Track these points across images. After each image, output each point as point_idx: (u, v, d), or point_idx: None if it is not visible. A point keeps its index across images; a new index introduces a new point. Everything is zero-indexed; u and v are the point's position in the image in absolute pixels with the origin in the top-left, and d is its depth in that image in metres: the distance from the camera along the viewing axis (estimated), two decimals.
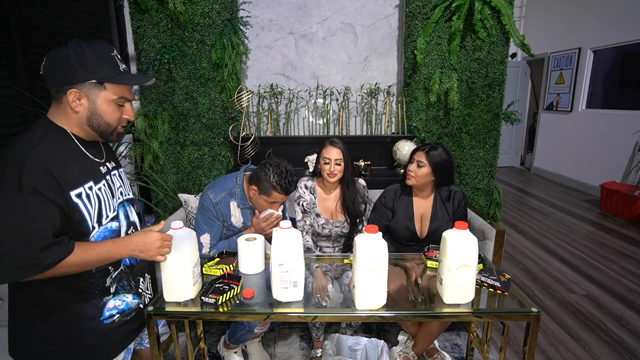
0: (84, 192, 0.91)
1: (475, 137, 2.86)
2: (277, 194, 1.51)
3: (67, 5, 2.42)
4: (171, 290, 1.13)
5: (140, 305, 1.12)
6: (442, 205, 1.78)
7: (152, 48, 2.70)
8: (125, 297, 1.06)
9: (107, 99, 0.93)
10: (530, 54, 2.60)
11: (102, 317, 1.00)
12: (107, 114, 0.94)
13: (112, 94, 0.93)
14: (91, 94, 0.91)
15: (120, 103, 0.96)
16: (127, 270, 1.07)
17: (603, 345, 1.99)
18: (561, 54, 5.35)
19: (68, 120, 0.93)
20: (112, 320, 1.03)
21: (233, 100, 2.73)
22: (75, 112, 0.92)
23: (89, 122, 0.94)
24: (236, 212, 1.62)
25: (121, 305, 1.05)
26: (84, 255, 0.88)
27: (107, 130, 0.97)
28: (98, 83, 0.91)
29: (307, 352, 1.91)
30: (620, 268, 2.86)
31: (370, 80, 3.10)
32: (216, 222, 1.59)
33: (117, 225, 1.01)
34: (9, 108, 2.03)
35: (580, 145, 5.05)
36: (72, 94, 0.89)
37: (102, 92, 0.92)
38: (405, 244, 1.81)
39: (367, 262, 1.07)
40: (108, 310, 1.02)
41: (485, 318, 1.30)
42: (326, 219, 1.82)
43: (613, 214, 4.08)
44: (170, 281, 1.12)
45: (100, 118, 0.94)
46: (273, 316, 1.15)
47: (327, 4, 3.01)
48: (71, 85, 0.89)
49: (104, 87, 0.92)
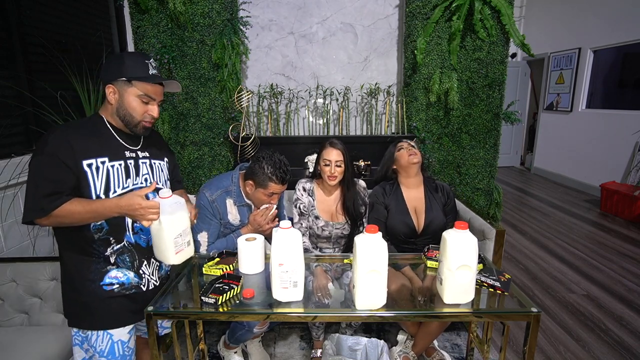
0: (94, 163, 1.07)
1: (475, 137, 2.86)
2: (273, 184, 1.53)
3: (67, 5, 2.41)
4: (157, 251, 1.16)
5: (141, 286, 1.20)
6: (432, 197, 1.81)
7: (152, 48, 2.70)
8: (127, 272, 1.17)
9: (133, 94, 1.11)
10: (530, 54, 2.60)
11: (102, 282, 1.14)
12: (131, 107, 1.12)
13: (137, 90, 1.11)
14: (121, 89, 1.10)
15: (144, 100, 1.12)
16: (130, 247, 1.16)
17: (603, 345, 1.99)
18: (561, 54, 5.35)
19: (106, 111, 1.14)
20: (111, 288, 1.15)
21: (233, 100, 2.73)
22: (110, 103, 1.12)
23: (117, 112, 1.12)
24: (233, 209, 1.62)
25: (122, 277, 1.16)
26: (76, 207, 1.02)
27: (130, 121, 1.13)
28: (127, 81, 1.10)
29: (307, 352, 1.91)
30: (620, 268, 2.86)
31: (370, 80, 3.10)
32: (213, 220, 1.60)
33: None
34: (9, 108, 2.03)
35: (580, 145, 5.05)
36: (109, 89, 1.10)
37: (130, 88, 1.10)
38: (404, 240, 1.80)
39: (367, 262, 1.07)
40: (109, 278, 1.14)
41: (485, 318, 1.30)
42: (326, 221, 1.80)
43: (613, 214, 4.08)
44: (156, 244, 1.15)
45: (125, 110, 1.12)
46: (273, 316, 1.15)
47: (327, 4, 3.01)
48: (109, 82, 1.10)
49: (132, 84, 1.10)
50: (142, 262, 1.20)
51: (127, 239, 1.16)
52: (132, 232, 1.17)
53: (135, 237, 1.17)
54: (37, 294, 1.65)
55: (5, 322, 1.63)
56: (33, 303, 1.65)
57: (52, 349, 1.45)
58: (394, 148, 1.83)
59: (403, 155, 1.77)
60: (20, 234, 2.02)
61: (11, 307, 1.64)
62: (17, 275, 1.64)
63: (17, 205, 2.00)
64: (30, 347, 1.42)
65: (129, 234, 1.16)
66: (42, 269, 1.64)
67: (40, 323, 1.64)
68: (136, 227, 1.17)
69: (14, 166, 1.90)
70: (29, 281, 1.63)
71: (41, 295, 1.65)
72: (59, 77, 2.24)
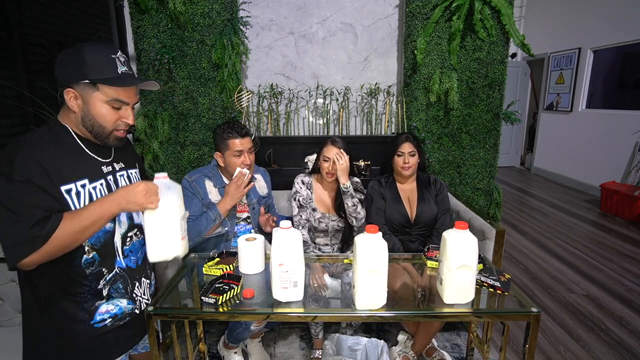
0: (74, 189, 0.91)
1: (475, 137, 2.86)
2: (233, 140, 1.60)
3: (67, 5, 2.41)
4: (157, 247, 1.01)
5: (135, 311, 1.10)
6: (424, 189, 1.88)
7: (152, 48, 2.70)
8: (119, 302, 1.05)
9: (99, 100, 0.92)
10: (530, 54, 2.60)
11: (92, 320, 1.00)
12: (99, 115, 0.93)
13: (104, 96, 0.92)
14: (85, 94, 0.91)
15: (115, 106, 0.94)
16: (122, 273, 1.05)
17: (603, 345, 1.99)
18: (561, 54, 5.35)
19: (70, 119, 0.95)
20: (104, 324, 1.02)
21: (233, 100, 2.73)
22: (72, 111, 0.93)
23: (83, 122, 0.94)
24: (213, 190, 1.69)
25: (114, 309, 1.04)
26: (72, 220, 0.87)
27: (101, 133, 0.95)
28: (91, 83, 0.90)
29: (307, 352, 1.91)
30: (620, 268, 2.86)
31: (370, 80, 3.10)
32: (194, 198, 1.64)
33: (111, 227, 0.99)
34: (9, 108, 2.03)
35: (580, 145, 5.05)
36: (68, 93, 0.91)
37: (94, 92, 0.91)
38: (400, 229, 1.85)
39: (367, 262, 1.07)
40: (100, 315, 1.01)
41: (485, 318, 1.30)
42: (322, 213, 1.85)
43: (613, 214, 4.08)
44: (155, 237, 1.00)
45: (93, 119, 0.93)
46: (273, 316, 1.15)
47: (327, 4, 3.01)
48: (68, 85, 0.90)
49: (97, 87, 0.91)
50: (135, 284, 1.09)
51: (118, 264, 1.03)
52: (123, 256, 1.04)
53: (126, 261, 1.05)
54: None
55: (5, 322, 1.63)
56: None
57: None
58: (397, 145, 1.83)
59: (398, 162, 1.83)
60: None
61: (11, 307, 1.64)
62: (17, 275, 1.63)
63: None
64: None
65: (120, 259, 1.03)
66: None
67: None
68: (126, 249, 1.05)
69: None
70: None
71: None
72: None
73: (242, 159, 1.62)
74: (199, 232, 1.59)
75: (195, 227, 1.59)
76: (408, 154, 1.80)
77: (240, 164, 1.62)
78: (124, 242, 1.05)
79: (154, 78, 2.72)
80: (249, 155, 1.65)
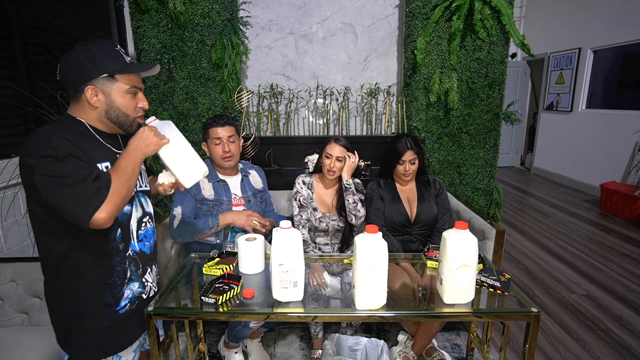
0: (101, 168, 0.97)
1: (475, 137, 2.86)
2: (214, 128, 1.68)
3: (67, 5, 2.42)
4: (186, 173, 1.10)
5: (143, 295, 1.14)
6: (424, 189, 1.89)
7: (152, 48, 2.70)
8: (132, 285, 1.10)
9: (120, 90, 0.98)
10: (530, 54, 2.60)
11: (117, 307, 1.06)
12: (123, 105, 1.00)
13: (124, 85, 0.98)
14: (106, 88, 0.96)
15: (132, 92, 1.01)
16: (135, 256, 1.09)
17: (603, 345, 1.99)
18: (561, 54, 5.35)
19: (87, 115, 0.99)
20: (125, 310, 1.08)
21: (233, 100, 2.73)
22: (94, 107, 0.97)
23: (107, 115, 0.99)
24: (207, 185, 1.70)
25: (129, 294, 1.09)
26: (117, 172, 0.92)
27: (125, 121, 1.02)
28: (110, 76, 0.96)
29: (307, 352, 1.91)
30: (620, 268, 2.86)
31: (370, 80, 3.10)
32: (187, 195, 1.66)
33: (129, 209, 1.05)
34: (9, 108, 2.03)
35: (580, 145, 5.05)
36: (89, 91, 0.95)
37: (115, 84, 0.97)
38: (400, 229, 1.84)
39: (367, 262, 1.07)
40: (124, 300, 1.07)
41: (485, 318, 1.30)
42: (323, 213, 1.85)
43: (613, 214, 4.08)
44: (180, 165, 1.09)
45: (117, 110, 0.99)
46: (273, 316, 1.15)
47: (327, 4, 3.01)
48: (86, 83, 0.94)
49: (116, 79, 0.97)
50: (146, 269, 1.14)
51: (132, 247, 1.09)
52: (137, 240, 1.10)
53: (139, 245, 1.11)
54: (37, 294, 1.65)
55: (5, 322, 1.63)
56: (33, 303, 1.65)
57: (52, 349, 1.44)
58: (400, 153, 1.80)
59: (399, 169, 1.83)
60: (20, 234, 2.02)
61: (11, 307, 1.64)
62: (17, 275, 1.64)
63: (17, 205, 2.00)
64: (30, 347, 1.42)
65: (134, 243, 1.09)
66: None
67: (40, 323, 1.64)
68: (140, 234, 1.11)
69: (14, 166, 1.90)
70: (29, 281, 1.63)
71: (41, 295, 1.65)
72: None
73: (221, 147, 1.67)
74: (191, 234, 1.60)
75: (190, 227, 1.60)
76: (409, 162, 1.79)
77: (220, 152, 1.67)
78: (139, 226, 1.10)
79: (154, 78, 2.73)
80: (230, 144, 1.69)
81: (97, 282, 1.02)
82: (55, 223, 0.94)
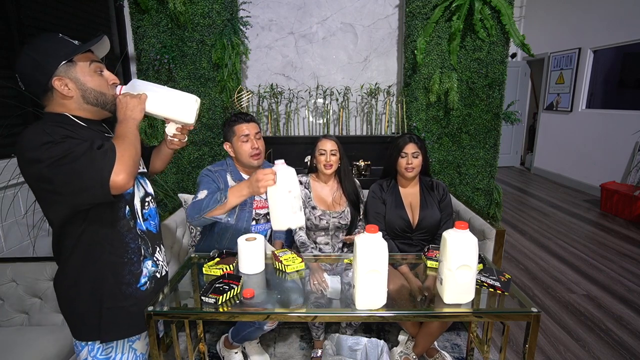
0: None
1: (475, 137, 2.86)
2: (239, 125, 1.62)
3: (67, 5, 2.42)
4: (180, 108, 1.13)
5: (157, 275, 1.16)
6: (427, 194, 1.85)
7: (152, 48, 2.70)
8: (147, 264, 1.12)
9: (84, 71, 0.97)
10: (530, 54, 2.60)
11: (138, 284, 1.08)
12: (95, 85, 0.99)
13: (85, 63, 0.97)
14: (71, 74, 0.95)
15: (97, 70, 1.00)
16: (142, 235, 1.10)
17: (603, 345, 1.99)
18: (561, 54, 5.36)
19: (66, 107, 0.98)
20: (145, 287, 1.10)
21: (233, 100, 2.73)
22: (69, 97, 0.96)
23: (86, 100, 0.98)
24: (233, 184, 1.66)
25: (146, 272, 1.11)
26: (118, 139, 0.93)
27: (105, 100, 1.01)
28: (69, 61, 0.94)
29: (307, 352, 1.91)
30: (620, 268, 2.86)
31: (370, 80, 3.10)
32: (213, 184, 1.60)
33: (131, 189, 1.05)
34: (9, 108, 2.03)
35: (580, 145, 5.05)
36: (57, 82, 0.93)
37: (76, 67, 0.96)
38: (401, 234, 1.83)
39: (367, 262, 1.07)
40: (143, 277, 1.09)
41: (485, 318, 1.30)
42: (323, 210, 1.85)
43: (613, 214, 4.08)
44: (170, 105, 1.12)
45: (92, 91, 0.98)
46: (273, 316, 1.15)
47: (327, 4, 3.01)
48: (51, 76, 0.93)
49: (74, 62, 0.96)
50: (155, 248, 1.16)
51: (139, 226, 1.09)
52: (143, 219, 1.11)
53: (146, 224, 1.12)
54: (37, 294, 1.65)
55: (5, 322, 1.63)
56: (33, 303, 1.65)
57: (52, 349, 1.45)
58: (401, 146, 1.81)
59: (402, 163, 1.80)
60: (20, 234, 2.02)
61: (11, 307, 1.64)
62: (17, 275, 1.64)
63: (17, 205, 2.00)
64: (30, 347, 1.42)
65: (140, 222, 1.10)
66: (42, 269, 1.64)
67: (40, 323, 1.64)
68: (145, 213, 1.12)
69: (14, 166, 1.90)
70: (29, 281, 1.63)
71: (41, 295, 1.65)
72: None
73: (250, 144, 1.62)
74: (199, 209, 1.40)
75: (199, 203, 1.41)
76: (411, 155, 1.77)
77: (249, 150, 1.61)
78: (143, 205, 1.12)
79: (154, 78, 2.73)
80: (257, 140, 1.64)
81: (113, 261, 1.03)
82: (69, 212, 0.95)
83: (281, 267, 1.37)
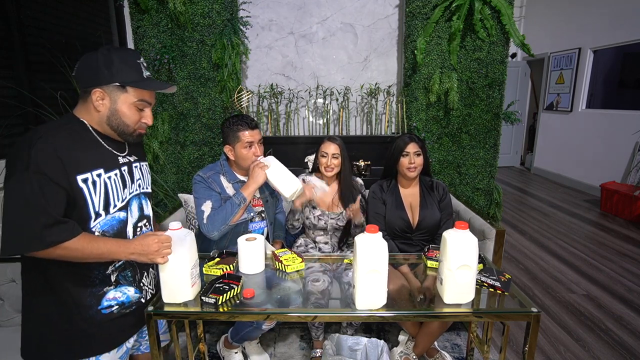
0: (90, 178, 0.94)
1: (475, 137, 2.86)
2: (243, 131, 1.59)
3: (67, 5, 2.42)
4: (170, 291, 1.12)
5: (142, 300, 1.12)
6: (427, 194, 1.84)
7: (152, 48, 2.70)
8: (127, 290, 1.07)
9: (127, 101, 0.98)
10: (530, 54, 2.60)
11: (100, 306, 1.02)
12: (126, 115, 1.00)
13: (132, 97, 0.99)
14: (113, 95, 0.97)
15: (140, 107, 1.01)
16: (132, 261, 1.07)
17: (603, 345, 1.99)
18: (561, 54, 5.35)
19: (90, 116, 0.99)
20: (110, 311, 1.04)
21: (233, 100, 2.73)
22: (97, 110, 0.98)
23: (108, 121, 0.99)
24: (229, 185, 1.67)
25: (121, 297, 1.06)
26: (87, 245, 0.91)
27: (125, 131, 1.02)
28: (120, 86, 0.96)
29: (307, 352, 1.91)
30: (620, 268, 2.86)
31: (370, 80, 3.10)
32: (212, 191, 1.61)
33: (124, 216, 1.04)
34: (9, 108, 2.03)
35: (580, 145, 5.05)
36: (96, 94, 0.95)
37: (123, 94, 0.98)
38: (401, 235, 1.83)
39: (367, 262, 1.07)
40: (107, 301, 1.03)
41: (485, 318, 1.30)
42: (322, 211, 1.86)
43: (613, 214, 4.08)
44: (168, 283, 1.11)
45: (119, 119, 0.99)
46: (273, 316, 1.15)
47: (327, 4, 3.01)
48: (96, 86, 0.95)
49: (126, 90, 0.97)
50: (143, 274, 1.13)
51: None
52: None
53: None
54: None
55: (5, 322, 1.63)
56: None
57: None
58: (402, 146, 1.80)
59: (404, 162, 1.79)
60: None
61: (11, 307, 1.64)
62: (17, 275, 1.63)
63: None
64: None
65: None
66: None
67: None
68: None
69: None
70: None
71: None
72: (59, 77, 2.24)
73: (253, 150, 1.62)
74: (224, 219, 1.53)
75: (220, 214, 1.53)
76: (414, 154, 1.76)
77: (251, 156, 1.61)
78: (135, 231, 1.08)
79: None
80: (260, 146, 1.65)
81: (72, 282, 0.98)
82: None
83: (281, 267, 1.37)
